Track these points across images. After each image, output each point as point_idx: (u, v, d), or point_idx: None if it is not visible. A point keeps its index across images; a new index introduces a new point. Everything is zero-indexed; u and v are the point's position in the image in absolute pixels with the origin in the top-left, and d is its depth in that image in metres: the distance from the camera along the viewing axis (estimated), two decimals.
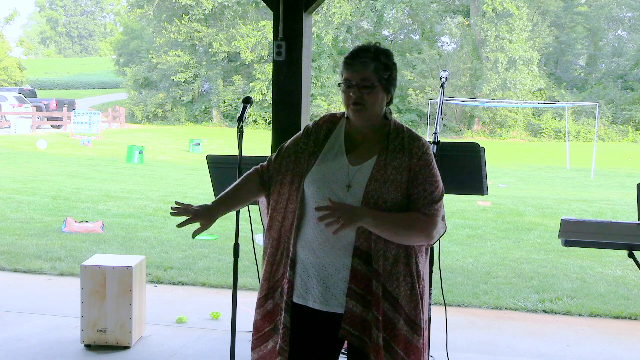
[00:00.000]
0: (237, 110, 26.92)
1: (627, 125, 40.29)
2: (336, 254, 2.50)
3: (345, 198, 2.48)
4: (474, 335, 5.31)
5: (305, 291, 2.55)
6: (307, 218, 2.55)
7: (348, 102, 2.52)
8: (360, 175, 2.51)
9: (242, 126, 3.51)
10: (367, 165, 2.52)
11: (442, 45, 46.65)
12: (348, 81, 2.51)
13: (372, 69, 2.49)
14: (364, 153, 2.55)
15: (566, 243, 3.51)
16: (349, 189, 2.49)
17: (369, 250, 2.47)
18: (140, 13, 47.79)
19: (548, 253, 8.58)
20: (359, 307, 2.47)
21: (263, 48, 42.88)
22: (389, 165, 2.50)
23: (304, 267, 2.55)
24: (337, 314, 2.51)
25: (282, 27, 4.77)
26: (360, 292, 2.47)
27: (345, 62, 2.54)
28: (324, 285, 2.51)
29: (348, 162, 2.54)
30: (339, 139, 2.60)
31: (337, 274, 2.50)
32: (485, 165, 3.99)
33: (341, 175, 2.52)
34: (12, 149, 23.92)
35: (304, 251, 2.55)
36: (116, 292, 4.66)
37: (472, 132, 40.70)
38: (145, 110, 45.54)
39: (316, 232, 2.52)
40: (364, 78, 2.49)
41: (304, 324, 2.57)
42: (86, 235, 8.79)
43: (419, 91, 40.55)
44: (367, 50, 2.52)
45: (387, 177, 2.49)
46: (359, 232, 2.47)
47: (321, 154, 2.58)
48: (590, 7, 46.78)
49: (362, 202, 2.47)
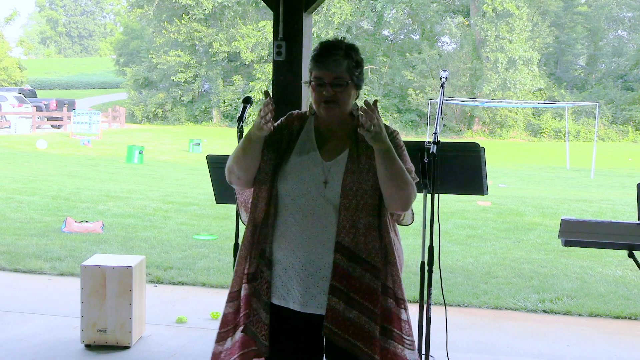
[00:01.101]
0: (237, 110, 26.86)
1: (627, 125, 40.30)
2: (317, 252, 2.48)
3: (323, 193, 2.48)
4: (474, 335, 5.31)
5: (286, 292, 2.52)
6: (284, 217, 2.53)
7: (320, 100, 2.50)
8: (336, 170, 2.50)
9: (242, 126, 3.50)
10: (340, 159, 2.52)
11: (442, 45, 46.66)
12: (320, 79, 2.48)
13: (345, 66, 2.49)
14: (335, 148, 2.55)
15: (566, 243, 3.51)
16: (326, 184, 2.49)
17: (350, 245, 2.45)
18: (140, 13, 47.80)
19: (548, 253, 8.58)
20: (341, 304, 2.45)
21: (263, 48, 42.88)
22: (362, 155, 2.51)
23: (283, 268, 2.52)
24: (318, 315, 2.49)
25: (282, 27, 4.76)
26: (343, 289, 2.45)
27: (317, 59, 2.51)
28: (304, 286, 2.49)
29: (321, 158, 2.53)
30: (310, 136, 2.58)
31: (318, 273, 2.48)
32: (485, 165, 3.99)
33: (316, 171, 2.51)
34: (12, 149, 23.92)
35: (282, 251, 2.52)
36: (116, 292, 4.66)
37: (472, 132, 40.70)
38: (145, 110, 45.54)
39: (295, 231, 2.50)
40: (338, 76, 2.48)
41: (284, 326, 2.55)
42: (86, 235, 8.79)
43: (419, 91, 40.56)
44: (339, 48, 2.51)
45: (362, 166, 2.49)
46: (340, 227, 2.46)
47: (294, 151, 2.56)
48: (590, 7, 46.78)
49: (340, 195, 2.46)
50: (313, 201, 2.49)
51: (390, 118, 41.74)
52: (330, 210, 2.48)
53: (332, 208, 2.48)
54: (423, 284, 3.88)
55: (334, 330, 2.45)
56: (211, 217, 10.76)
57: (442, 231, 4.12)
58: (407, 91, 41.33)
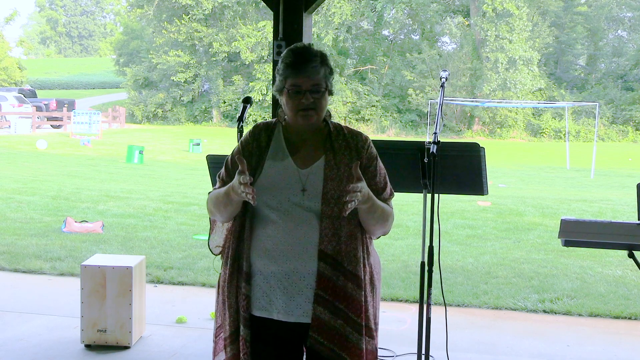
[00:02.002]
0: (237, 110, 26.83)
1: (627, 125, 40.29)
2: (300, 260, 2.43)
3: (302, 201, 2.44)
4: (474, 335, 5.31)
5: (268, 303, 2.47)
6: (262, 227, 2.48)
7: (297, 108, 2.44)
8: (313, 178, 2.46)
9: (242, 126, 3.51)
10: (316, 166, 2.48)
11: (442, 45, 46.65)
12: (298, 86, 2.43)
13: (322, 74, 2.46)
14: (309, 155, 2.50)
15: (566, 243, 3.51)
16: (304, 192, 2.45)
17: (333, 253, 2.43)
18: (140, 13, 47.79)
19: (548, 253, 8.58)
20: (326, 314, 2.42)
21: (263, 48, 42.87)
22: (340, 163, 2.47)
23: (264, 278, 2.47)
24: (303, 324, 2.45)
25: (282, 27, 4.77)
26: (328, 298, 2.42)
27: (294, 66, 2.45)
28: (288, 295, 2.44)
29: (296, 166, 2.49)
30: (281, 145, 2.52)
31: (302, 281, 2.44)
32: (485, 165, 3.99)
33: (292, 180, 2.46)
34: (12, 149, 23.93)
35: (262, 261, 2.47)
36: (116, 292, 4.66)
37: (472, 132, 40.69)
38: (145, 110, 45.53)
39: (276, 240, 2.45)
40: (316, 84, 2.45)
41: (266, 337, 2.50)
42: (86, 235, 8.79)
43: (419, 91, 40.55)
44: (314, 55, 2.47)
45: (342, 174, 2.46)
46: (322, 234, 2.42)
47: (266, 161, 2.50)
48: (590, 7, 46.77)
49: (321, 202, 2.43)
50: (292, 209, 2.44)
51: (390, 118, 41.75)
52: (311, 217, 2.44)
53: (312, 215, 2.44)
54: (423, 284, 3.87)
55: (319, 340, 2.42)
56: None
57: (442, 231, 4.12)
58: (407, 91, 41.32)
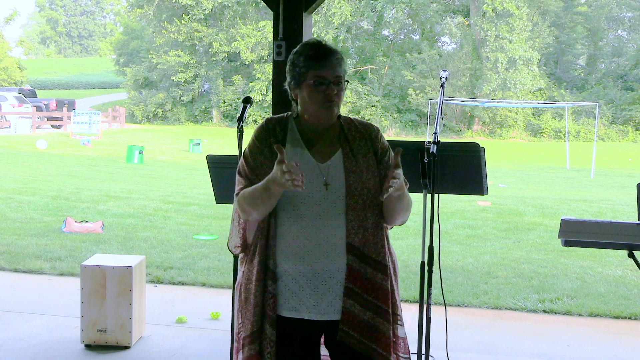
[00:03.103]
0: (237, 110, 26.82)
1: (627, 125, 40.28)
2: (329, 257, 2.43)
3: (326, 196, 2.44)
4: (474, 335, 5.31)
5: (298, 303, 2.45)
6: (287, 225, 2.46)
7: (321, 100, 2.45)
8: (334, 171, 2.46)
9: (242, 126, 3.51)
10: (335, 160, 2.48)
11: (442, 45, 46.64)
12: (322, 78, 2.44)
13: (343, 67, 2.48)
14: (326, 149, 2.50)
15: (566, 243, 3.51)
16: (327, 187, 2.44)
17: (360, 245, 2.44)
18: (140, 13, 47.79)
19: (548, 253, 8.58)
20: (356, 306, 2.42)
21: (263, 48, 42.87)
22: (358, 154, 2.48)
23: (292, 278, 2.45)
24: (333, 321, 2.45)
25: (282, 27, 4.77)
26: (358, 291, 2.43)
27: (319, 59, 2.45)
28: (318, 293, 2.44)
29: (315, 160, 2.48)
30: (297, 140, 2.51)
31: (332, 279, 2.44)
32: (485, 165, 3.99)
33: (314, 174, 2.44)
34: (12, 149, 23.92)
35: (289, 262, 2.45)
36: (116, 292, 4.66)
37: (472, 132, 40.69)
38: (145, 110, 45.53)
39: (303, 239, 2.43)
40: (339, 75, 2.46)
41: (294, 338, 2.48)
42: (86, 235, 8.79)
43: (419, 91, 40.55)
44: (335, 49, 2.50)
45: (361, 165, 2.47)
46: (349, 227, 2.43)
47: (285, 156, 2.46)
48: (590, 7, 46.77)
49: (345, 195, 2.43)
50: (317, 205, 2.43)
51: (390, 118, 41.74)
52: (336, 212, 2.44)
53: (338, 210, 2.44)
54: (423, 284, 3.87)
55: (349, 333, 2.42)
56: (211, 217, 10.76)
57: (442, 231, 4.12)
58: (407, 91, 41.31)
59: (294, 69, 2.49)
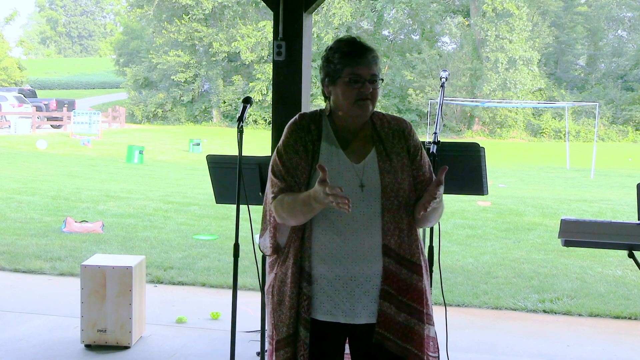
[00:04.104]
0: (237, 110, 26.82)
1: (627, 125, 40.30)
2: (366, 261, 2.40)
3: (362, 198, 2.39)
4: (474, 335, 5.31)
5: (334, 307, 2.41)
6: (322, 227, 2.41)
7: (356, 97, 2.40)
8: (369, 172, 2.41)
9: (242, 126, 3.51)
10: (369, 160, 2.43)
11: (442, 45, 46.65)
12: (358, 75, 2.39)
13: (379, 65, 2.45)
14: (360, 149, 2.45)
15: (566, 243, 3.50)
16: (363, 188, 2.39)
17: (395, 247, 2.40)
18: (140, 13, 47.80)
19: (548, 253, 8.58)
20: (392, 308, 2.40)
21: (263, 48, 42.88)
22: (391, 153, 2.44)
23: (328, 282, 2.41)
24: (368, 325, 2.42)
25: (282, 27, 4.76)
26: (393, 293, 2.40)
27: (354, 56, 2.41)
28: (355, 297, 2.40)
29: (350, 161, 2.43)
30: (332, 139, 2.46)
31: (368, 282, 2.40)
32: (485, 165, 3.99)
33: (349, 175, 2.40)
34: (12, 149, 23.92)
35: (325, 264, 2.41)
36: (116, 292, 4.66)
37: (472, 132, 40.70)
38: (145, 110, 45.54)
39: (338, 242, 2.40)
40: (374, 74, 2.42)
41: (328, 341, 2.45)
42: (86, 235, 8.79)
43: (419, 91, 40.56)
44: (370, 45, 2.45)
45: (395, 165, 2.43)
46: (385, 229, 2.39)
47: (320, 157, 2.43)
48: (590, 7, 46.78)
49: (381, 196, 2.39)
50: (353, 208, 2.33)
51: None
52: (371, 213, 2.40)
53: (373, 211, 2.40)
54: None
55: (386, 336, 2.40)
56: (211, 217, 10.76)
57: (442, 231, 4.12)
58: (407, 91, 41.31)
59: (328, 65, 2.44)
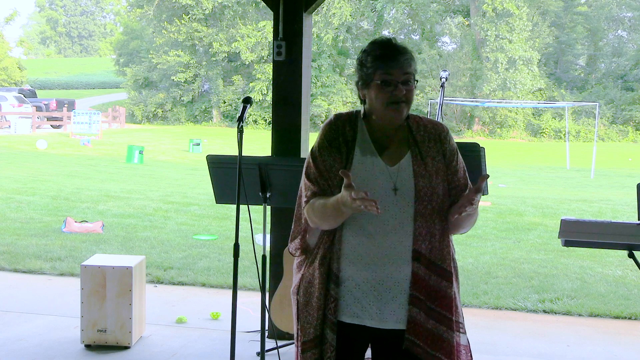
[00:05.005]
0: (237, 110, 26.86)
1: (627, 125, 40.32)
2: (395, 265, 2.37)
3: (395, 202, 2.36)
4: (474, 335, 5.29)
5: (361, 310, 2.39)
6: (353, 230, 2.39)
7: (389, 100, 2.35)
8: (403, 175, 2.38)
9: (242, 126, 3.51)
10: (404, 163, 2.40)
11: (442, 45, 46.67)
12: (390, 79, 2.34)
13: (413, 67, 2.39)
14: (395, 152, 2.42)
15: (566, 243, 3.51)
16: (396, 192, 2.36)
17: (426, 252, 2.38)
18: (140, 13, 47.82)
19: (548, 253, 8.58)
20: (421, 314, 2.37)
21: (263, 48, 42.89)
22: (427, 157, 2.41)
23: (356, 284, 2.39)
24: (396, 330, 2.39)
25: (282, 27, 4.77)
26: (422, 299, 2.37)
27: (387, 58, 2.35)
28: (382, 301, 2.38)
29: (384, 163, 2.40)
30: (367, 141, 2.43)
31: (396, 287, 2.38)
32: (485, 165, 3.99)
33: (383, 178, 2.37)
34: (12, 149, 23.91)
35: (353, 267, 2.39)
36: (116, 292, 4.66)
37: (472, 132, 40.71)
38: (145, 110, 45.56)
39: (369, 245, 2.37)
40: (408, 75, 2.38)
41: (354, 344, 2.44)
42: (86, 235, 8.79)
43: (419, 91, 40.49)
44: (405, 48, 2.40)
45: (430, 169, 2.40)
46: (417, 234, 2.36)
47: (354, 159, 2.40)
48: (590, 7, 46.80)
49: (415, 200, 2.36)
50: (385, 211, 2.33)
51: None
52: (404, 218, 2.37)
53: (406, 216, 2.37)
54: None
55: (416, 343, 2.37)
56: (211, 217, 10.76)
57: None
58: None
59: (362, 68, 2.41)
